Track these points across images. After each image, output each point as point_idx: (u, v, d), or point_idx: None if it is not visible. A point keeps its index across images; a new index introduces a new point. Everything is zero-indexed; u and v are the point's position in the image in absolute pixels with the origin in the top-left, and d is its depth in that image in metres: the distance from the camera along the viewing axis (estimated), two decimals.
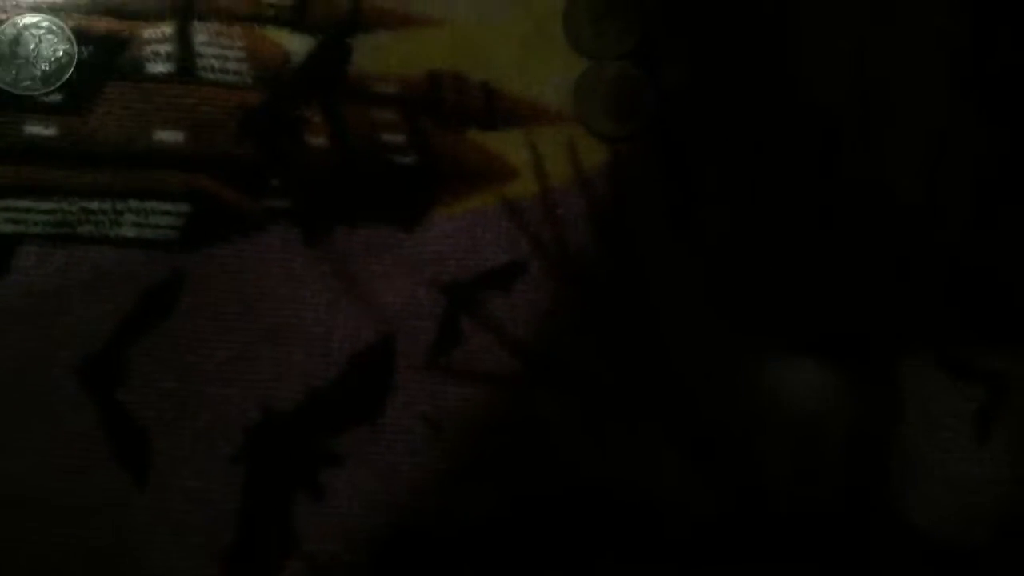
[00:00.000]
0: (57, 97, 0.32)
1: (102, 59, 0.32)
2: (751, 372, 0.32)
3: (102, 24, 0.33)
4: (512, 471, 0.31)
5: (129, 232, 0.32)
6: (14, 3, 0.33)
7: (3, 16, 0.33)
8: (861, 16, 0.34)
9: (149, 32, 0.33)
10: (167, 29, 0.33)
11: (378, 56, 0.33)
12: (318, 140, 0.33)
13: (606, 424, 0.32)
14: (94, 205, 0.32)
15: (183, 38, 0.33)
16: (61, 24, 0.33)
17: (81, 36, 0.33)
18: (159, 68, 0.32)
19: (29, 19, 0.33)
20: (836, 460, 0.32)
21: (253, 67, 0.33)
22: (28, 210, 0.32)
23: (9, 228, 0.32)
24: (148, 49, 0.33)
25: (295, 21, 0.33)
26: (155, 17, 0.33)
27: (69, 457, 0.31)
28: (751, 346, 0.32)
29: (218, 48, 0.33)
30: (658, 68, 0.33)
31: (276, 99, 0.32)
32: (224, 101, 0.32)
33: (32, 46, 0.32)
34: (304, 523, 0.31)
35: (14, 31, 0.32)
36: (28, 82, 0.32)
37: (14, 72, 0.32)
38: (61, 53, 0.32)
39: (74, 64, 0.32)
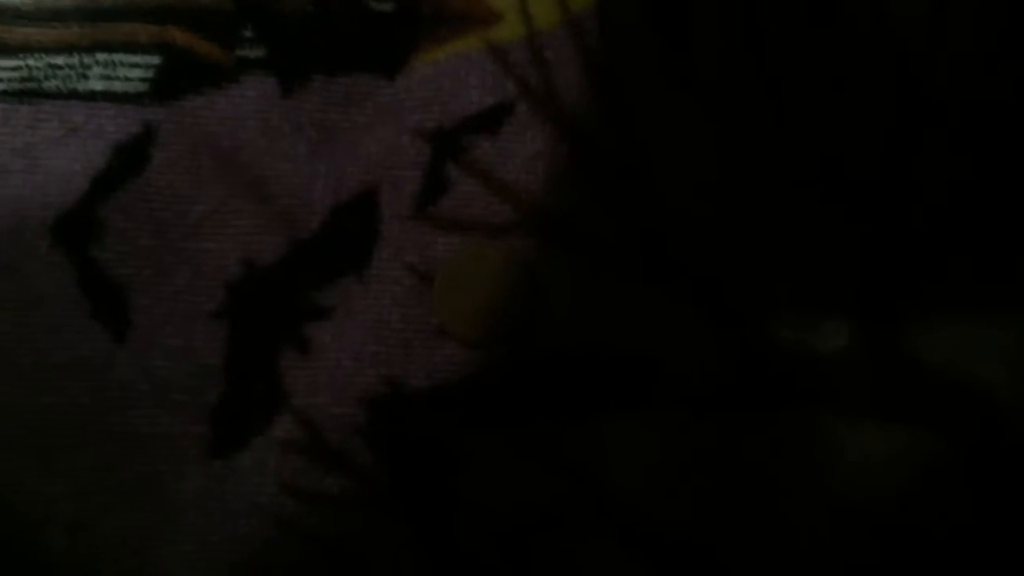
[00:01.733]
0: None
1: None
2: (751, 221, 0.31)
3: None
4: (503, 323, 0.30)
5: (97, 85, 0.31)
6: None
7: None
8: None
9: None
10: None
11: None
12: None
13: (600, 278, 0.31)
14: (60, 60, 0.31)
15: None
16: None
17: None
18: None
19: None
20: (846, 304, 0.31)
21: None
22: None
23: None
24: None
25: None
26: None
27: (47, 317, 0.30)
28: (748, 193, 0.31)
29: None
30: None
31: None
32: None
33: None
34: (292, 378, 0.30)
35: None
36: None
37: None
38: None
39: None
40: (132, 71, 0.31)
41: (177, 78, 0.31)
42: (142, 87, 0.31)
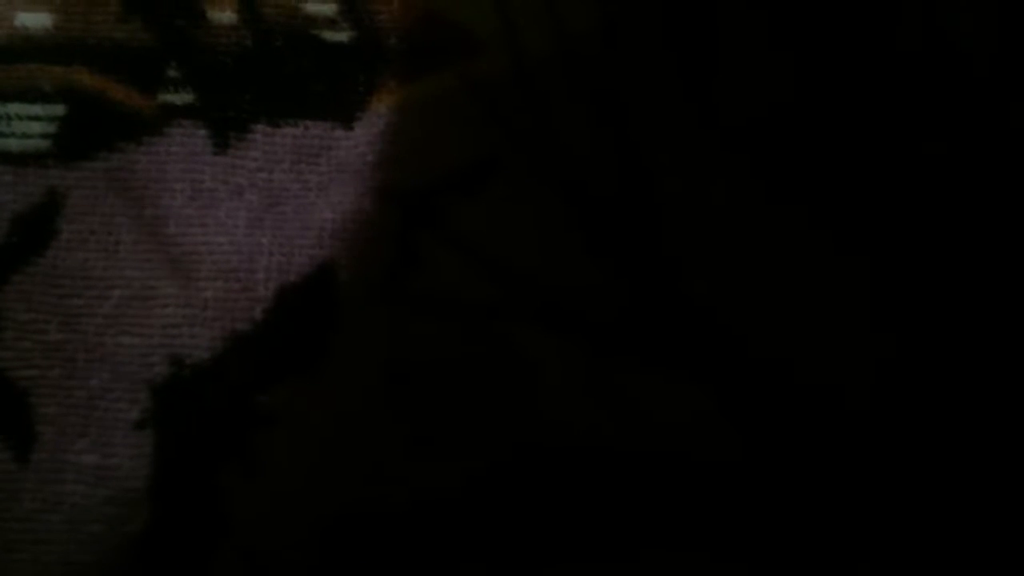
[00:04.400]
0: None
1: None
2: (787, 286, 0.29)
3: None
4: (493, 429, 0.28)
5: None
6: None
7: None
8: None
9: None
10: None
11: None
12: (224, 15, 0.30)
13: (607, 363, 0.29)
14: None
15: None
16: None
17: None
18: None
19: None
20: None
21: None
22: None
23: None
24: None
25: None
26: None
27: None
28: (788, 255, 0.29)
29: None
30: None
31: None
32: None
33: None
34: (232, 503, 0.28)
35: None
36: None
37: None
38: None
39: None
40: (31, 125, 0.29)
41: (87, 132, 0.29)
42: (44, 145, 0.29)
